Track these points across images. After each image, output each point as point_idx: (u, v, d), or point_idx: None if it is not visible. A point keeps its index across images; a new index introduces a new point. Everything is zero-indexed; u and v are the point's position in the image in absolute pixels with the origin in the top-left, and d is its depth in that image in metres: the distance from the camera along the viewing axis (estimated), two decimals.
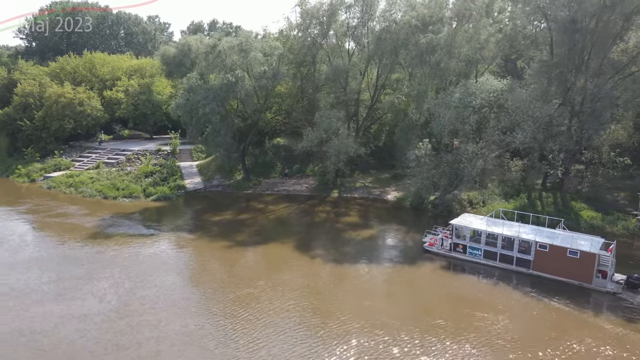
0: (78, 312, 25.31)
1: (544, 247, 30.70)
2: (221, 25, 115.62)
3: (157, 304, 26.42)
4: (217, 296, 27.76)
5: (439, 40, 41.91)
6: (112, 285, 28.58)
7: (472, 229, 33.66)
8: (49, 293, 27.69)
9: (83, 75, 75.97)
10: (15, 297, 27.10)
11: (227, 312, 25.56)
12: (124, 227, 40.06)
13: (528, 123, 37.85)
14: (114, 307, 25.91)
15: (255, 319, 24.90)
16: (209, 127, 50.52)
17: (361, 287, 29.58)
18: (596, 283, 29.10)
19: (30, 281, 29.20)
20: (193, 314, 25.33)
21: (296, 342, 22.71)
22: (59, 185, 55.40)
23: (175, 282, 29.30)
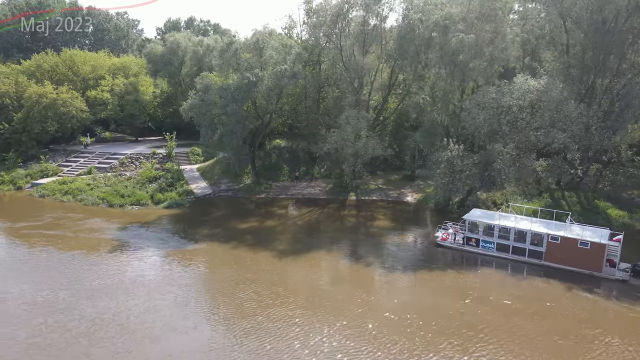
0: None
1: (555, 239, 32.08)
2: (199, 23, 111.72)
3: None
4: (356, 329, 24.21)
5: (469, 40, 41.31)
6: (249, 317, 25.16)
7: (485, 222, 34.77)
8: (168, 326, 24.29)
9: (63, 74, 70.82)
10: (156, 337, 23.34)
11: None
12: (156, 240, 36.77)
13: (566, 123, 37.89)
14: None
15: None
16: (220, 128, 47.79)
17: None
18: (605, 272, 30.75)
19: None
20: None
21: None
22: (52, 192, 51.08)
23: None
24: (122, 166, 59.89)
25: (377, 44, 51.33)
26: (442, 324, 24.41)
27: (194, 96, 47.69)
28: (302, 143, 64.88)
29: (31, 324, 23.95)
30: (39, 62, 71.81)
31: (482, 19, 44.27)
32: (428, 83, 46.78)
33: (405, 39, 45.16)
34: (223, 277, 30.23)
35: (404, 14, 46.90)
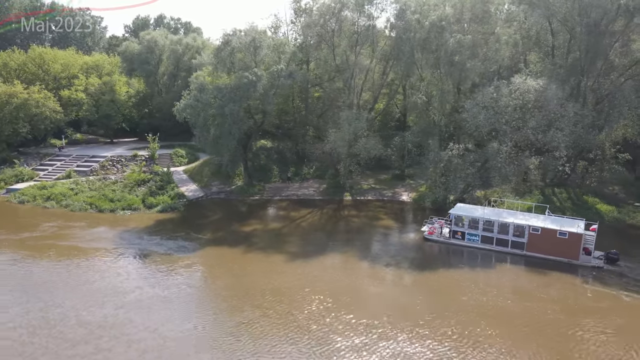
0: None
1: (536, 230, 34.05)
2: (169, 21, 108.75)
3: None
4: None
5: (466, 41, 42.11)
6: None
7: (471, 216, 36.27)
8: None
9: (32, 73, 67.12)
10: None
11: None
12: (161, 246, 34.91)
13: (563, 122, 39.23)
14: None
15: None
16: (214, 129, 46.55)
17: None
18: (582, 259, 32.75)
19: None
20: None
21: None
22: (32, 198, 48.18)
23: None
24: (104, 169, 57.39)
25: (369, 43, 51.37)
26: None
27: (187, 96, 46.22)
28: (289, 143, 64.43)
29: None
30: (5, 60, 67.74)
31: (475, 20, 45.32)
32: (424, 83, 47.21)
33: (402, 39, 45.45)
34: (253, 284, 28.57)
35: (398, 14, 47.18)
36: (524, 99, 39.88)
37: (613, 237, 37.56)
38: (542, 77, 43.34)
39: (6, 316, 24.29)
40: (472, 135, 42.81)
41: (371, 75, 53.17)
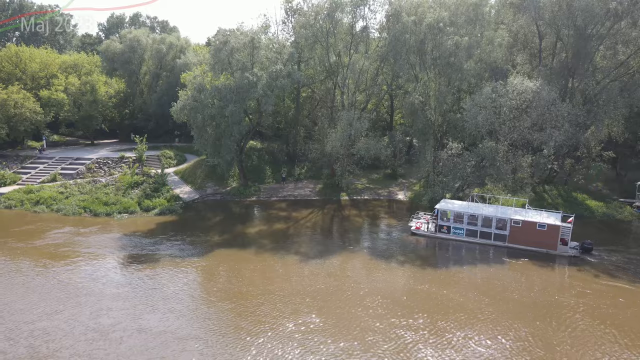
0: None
1: (517, 223, 35.98)
2: (144, 19, 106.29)
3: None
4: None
5: (463, 42, 43.13)
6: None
7: (456, 211, 37.86)
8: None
9: (9, 72, 64.35)
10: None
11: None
12: (168, 250, 34.17)
13: (559, 122, 40.75)
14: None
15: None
16: (212, 130, 45.96)
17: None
18: (560, 249, 34.87)
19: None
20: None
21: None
22: (20, 203, 46.33)
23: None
24: (90, 172, 55.57)
25: (363, 44, 51.83)
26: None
27: (184, 96, 45.40)
28: (280, 144, 64.27)
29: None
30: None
31: (469, 22, 46.44)
32: (419, 84, 48.01)
33: (398, 40, 46.06)
34: (280, 288, 28.19)
35: (393, 16, 47.78)
36: (520, 99, 41.18)
37: (602, 230, 40.40)
38: (530, 78, 44.94)
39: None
40: (470, 134, 43.80)
41: (364, 76, 53.53)
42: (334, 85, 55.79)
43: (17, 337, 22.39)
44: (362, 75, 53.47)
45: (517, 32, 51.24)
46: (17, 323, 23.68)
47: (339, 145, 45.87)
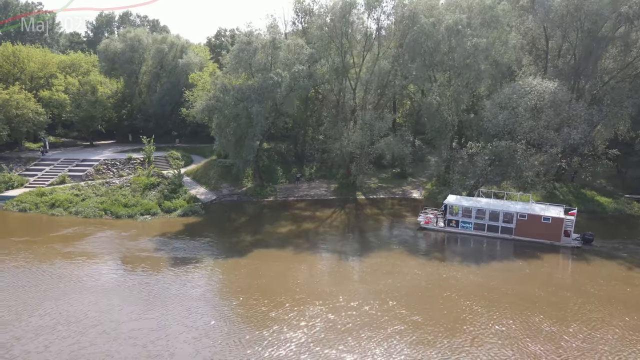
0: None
1: (523, 217, 37.78)
2: (134, 19, 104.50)
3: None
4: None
5: (482, 44, 44.29)
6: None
7: (464, 205, 39.46)
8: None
9: (7, 71, 62.41)
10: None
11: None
12: (206, 251, 34.17)
13: (576, 121, 42.32)
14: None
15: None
16: (234, 131, 45.73)
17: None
18: (563, 241, 36.75)
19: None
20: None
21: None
22: (34, 206, 45.19)
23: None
24: (99, 174, 54.57)
25: (376, 44, 52.42)
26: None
27: (204, 96, 45.06)
28: (288, 144, 64.39)
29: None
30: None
31: (484, 24, 47.67)
32: (437, 84, 48.95)
33: (417, 42, 46.87)
34: (360, 286, 28.40)
35: (409, 17, 48.52)
36: (538, 99, 42.55)
37: (617, 225, 42.57)
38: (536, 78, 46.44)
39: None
40: (489, 134, 44.93)
41: (378, 76, 54.16)
42: (347, 86, 56.24)
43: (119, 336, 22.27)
44: (374, 76, 54.08)
45: (525, 33, 52.80)
46: (113, 323, 23.51)
47: (360, 144, 46.32)
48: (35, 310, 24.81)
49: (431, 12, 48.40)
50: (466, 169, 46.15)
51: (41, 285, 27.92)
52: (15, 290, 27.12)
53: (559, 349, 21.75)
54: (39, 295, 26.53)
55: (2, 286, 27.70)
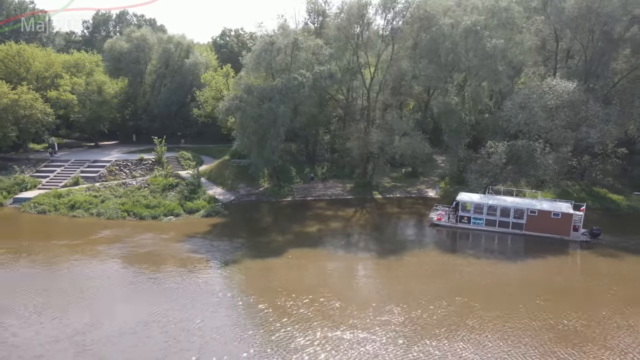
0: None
1: (533, 212, 39.13)
2: (130, 17, 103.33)
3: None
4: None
5: (500, 45, 45.12)
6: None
7: (476, 202, 40.77)
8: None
9: (13, 71, 61.20)
10: None
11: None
12: (251, 250, 34.38)
13: (594, 121, 43.45)
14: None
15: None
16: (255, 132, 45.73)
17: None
18: (572, 235, 38.11)
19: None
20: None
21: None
22: (52, 207, 44.49)
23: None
24: (112, 175, 53.99)
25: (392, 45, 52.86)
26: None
27: (228, 97, 44.95)
28: (297, 144, 64.47)
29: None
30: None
31: (500, 26, 48.56)
32: (454, 84, 49.66)
33: (435, 42, 47.51)
34: (418, 287, 28.52)
35: (427, 18, 49.13)
36: (557, 99, 43.56)
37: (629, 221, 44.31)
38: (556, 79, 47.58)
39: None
40: (508, 133, 45.80)
41: (391, 76, 54.70)
42: (357, 86, 56.70)
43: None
44: (389, 75, 54.59)
45: (535, 34, 53.90)
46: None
47: (381, 144, 46.76)
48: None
49: (446, 13, 49.10)
50: (484, 168, 46.91)
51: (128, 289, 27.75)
52: (95, 293, 26.92)
53: None
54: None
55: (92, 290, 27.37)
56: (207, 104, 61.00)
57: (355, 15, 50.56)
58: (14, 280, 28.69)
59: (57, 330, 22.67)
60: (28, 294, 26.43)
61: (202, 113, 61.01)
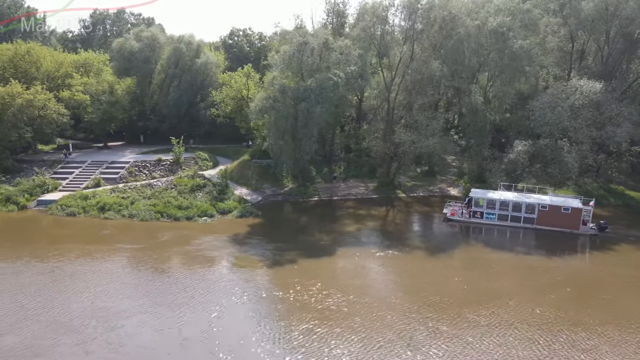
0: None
1: (544, 207, 40.85)
2: (128, 16, 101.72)
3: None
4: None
5: (527, 46, 46.17)
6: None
7: (489, 198, 42.25)
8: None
9: (25, 71, 59.58)
10: None
11: None
12: (310, 251, 34.36)
13: (619, 120, 44.80)
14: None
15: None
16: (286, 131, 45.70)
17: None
18: (582, 229, 39.93)
19: None
20: None
21: None
22: (81, 210, 43.63)
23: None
24: (132, 176, 53.20)
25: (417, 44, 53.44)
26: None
27: (259, 97, 44.78)
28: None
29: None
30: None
31: (524, 27, 49.63)
32: (478, 85, 50.49)
33: (462, 43, 48.26)
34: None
35: (451, 19, 49.84)
36: (583, 99, 44.78)
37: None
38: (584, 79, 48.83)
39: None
40: (532, 132, 46.84)
41: (410, 77, 55.22)
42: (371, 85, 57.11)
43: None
44: (408, 76, 55.14)
45: (552, 35, 55.22)
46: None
47: (410, 143, 47.28)
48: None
49: (469, 15, 49.92)
50: (509, 167, 47.89)
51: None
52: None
53: None
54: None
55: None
56: (223, 103, 60.54)
57: (379, 17, 50.94)
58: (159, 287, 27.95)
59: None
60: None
61: (220, 113, 60.44)
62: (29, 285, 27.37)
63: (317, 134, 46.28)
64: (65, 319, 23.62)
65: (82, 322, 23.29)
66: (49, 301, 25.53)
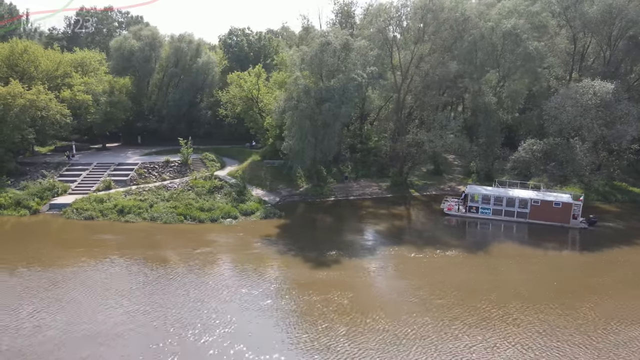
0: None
1: (537, 202, 42.67)
2: (116, 14, 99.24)
3: None
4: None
5: (540, 48, 47.42)
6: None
7: (483, 193, 44.02)
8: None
9: (23, 70, 57.34)
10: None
11: None
12: (349, 251, 34.38)
13: (628, 119, 46.50)
14: None
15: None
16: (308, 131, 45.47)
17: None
18: (572, 223, 41.78)
19: None
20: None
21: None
22: (99, 213, 42.36)
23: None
24: (142, 178, 51.97)
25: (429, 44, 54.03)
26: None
27: (280, 97, 44.46)
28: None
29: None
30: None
31: (534, 29, 50.94)
32: (491, 85, 51.53)
33: (475, 44, 49.17)
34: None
35: (464, 21, 50.70)
36: (597, 99, 46.25)
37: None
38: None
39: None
40: (543, 131, 48.12)
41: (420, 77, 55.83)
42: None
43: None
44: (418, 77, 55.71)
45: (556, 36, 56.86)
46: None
47: (428, 142, 47.88)
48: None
49: (481, 17, 50.92)
50: (520, 165, 49.05)
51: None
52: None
53: None
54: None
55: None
56: (230, 104, 59.88)
57: (393, 18, 51.35)
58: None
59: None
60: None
61: (229, 114, 59.74)
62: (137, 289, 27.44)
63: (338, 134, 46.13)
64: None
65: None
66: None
